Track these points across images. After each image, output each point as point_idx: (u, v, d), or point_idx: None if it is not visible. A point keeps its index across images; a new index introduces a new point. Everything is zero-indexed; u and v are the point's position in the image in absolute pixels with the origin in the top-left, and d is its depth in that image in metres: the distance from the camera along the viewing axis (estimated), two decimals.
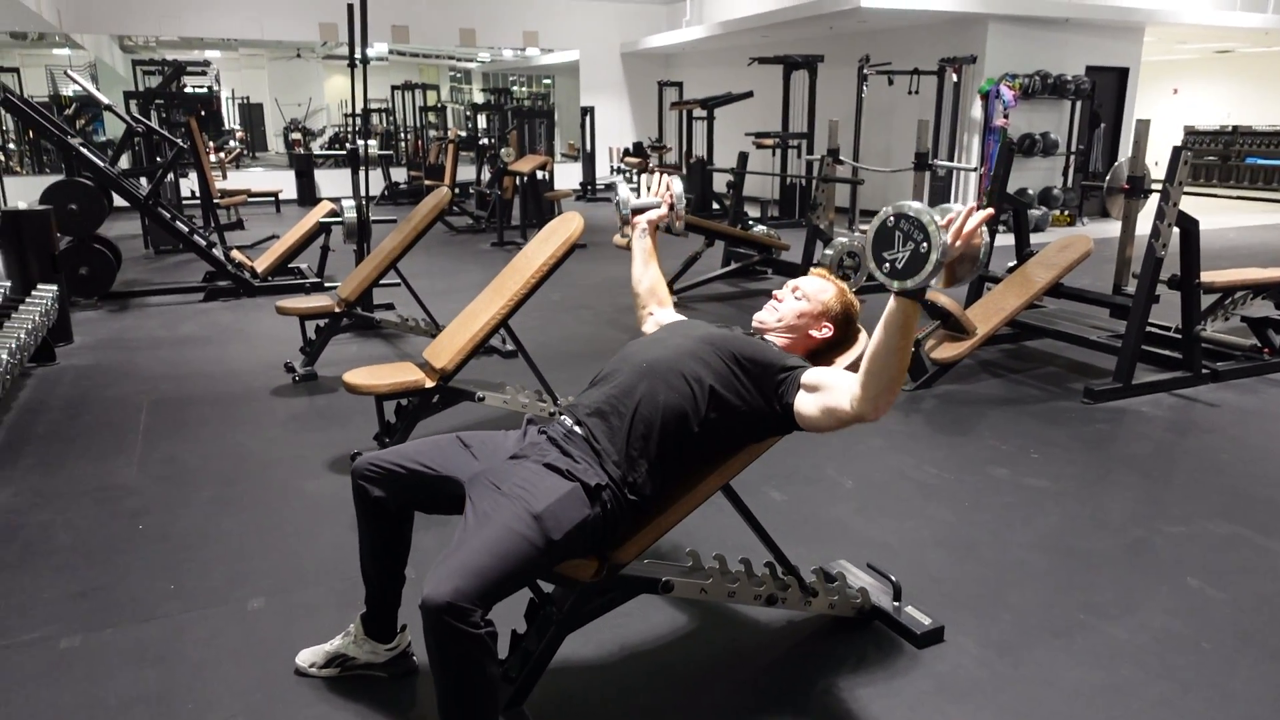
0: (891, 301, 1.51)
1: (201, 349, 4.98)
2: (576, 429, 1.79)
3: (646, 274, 2.28)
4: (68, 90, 12.91)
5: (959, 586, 2.46)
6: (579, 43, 14.51)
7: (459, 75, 19.77)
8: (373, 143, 5.45)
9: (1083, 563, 2.60)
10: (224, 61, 18.85)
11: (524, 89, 18.78)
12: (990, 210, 1.54)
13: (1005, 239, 5.58)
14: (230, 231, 8.82)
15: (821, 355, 2.03)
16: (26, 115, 5.63)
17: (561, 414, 1.86)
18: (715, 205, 10.92)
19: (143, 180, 6.78)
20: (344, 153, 5.71)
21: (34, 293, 4.31)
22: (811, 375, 1.77)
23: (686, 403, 1.76)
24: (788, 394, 1.78)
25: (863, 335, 2.02)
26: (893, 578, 2.31)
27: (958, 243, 1.43)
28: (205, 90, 12.37)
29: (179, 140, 6.56)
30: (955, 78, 9.71)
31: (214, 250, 6.36)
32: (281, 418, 3.82)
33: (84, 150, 5.77)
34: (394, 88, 14.02)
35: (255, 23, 12.38)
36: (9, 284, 4.37)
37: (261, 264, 6.41)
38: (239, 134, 18.03)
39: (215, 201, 8.65)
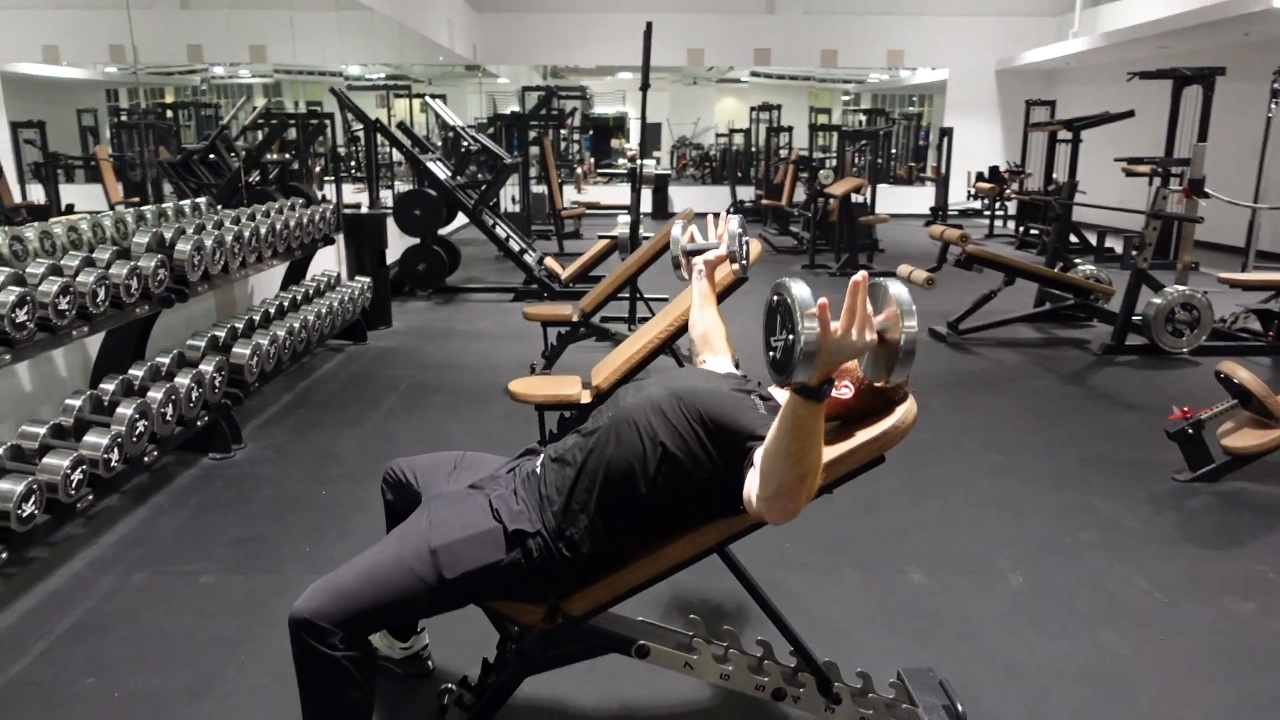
0: (788, 397, 1.26)
1: (480, 343, 5.55)
2: (538, 471, 1.70)
3: (702, 318, 2.10)
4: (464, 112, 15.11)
5: None
6: (948, 60, 13.73)
7: (850, 98, 19.85)
8: (649, 162, 5.65)
9: None
10: (631, 84, 20.90)
11: (895, 109, 18.30)
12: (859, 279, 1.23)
13: None
14: (568, 240, 9.72)
15: (843, 423, 1.72)
16: (391, 136, 6.70)
17: (540, 453, 1.78)
18: (1074, 239, 9.68)
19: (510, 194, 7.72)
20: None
21: (345, 284, 5.12)
22: (760, 452, 1.44)
23: (635, 460, 1.58)
24: (745, 471, 1.51)
25: (901, 410, 1.67)
26: (959, 706, 1.89)
27: (843, 335, 1.20)
28: (584, 113, 13.70)
29: (506, 157, 7.34)
30: None
31: (525, 256, 7.04)
32: (496, 414, 4.13)
33: (430, 165, 6.71)
34: (752, 109, 14.37)
35: (630, 50, 13.42)
36: (336, 272, 5.24)
37: (567, 271, 6.95)
38: (630, 151, 19.80)
39: (559, 212, 9.59)
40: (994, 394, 4.56)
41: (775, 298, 1.27)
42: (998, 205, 11.97)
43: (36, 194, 10.18)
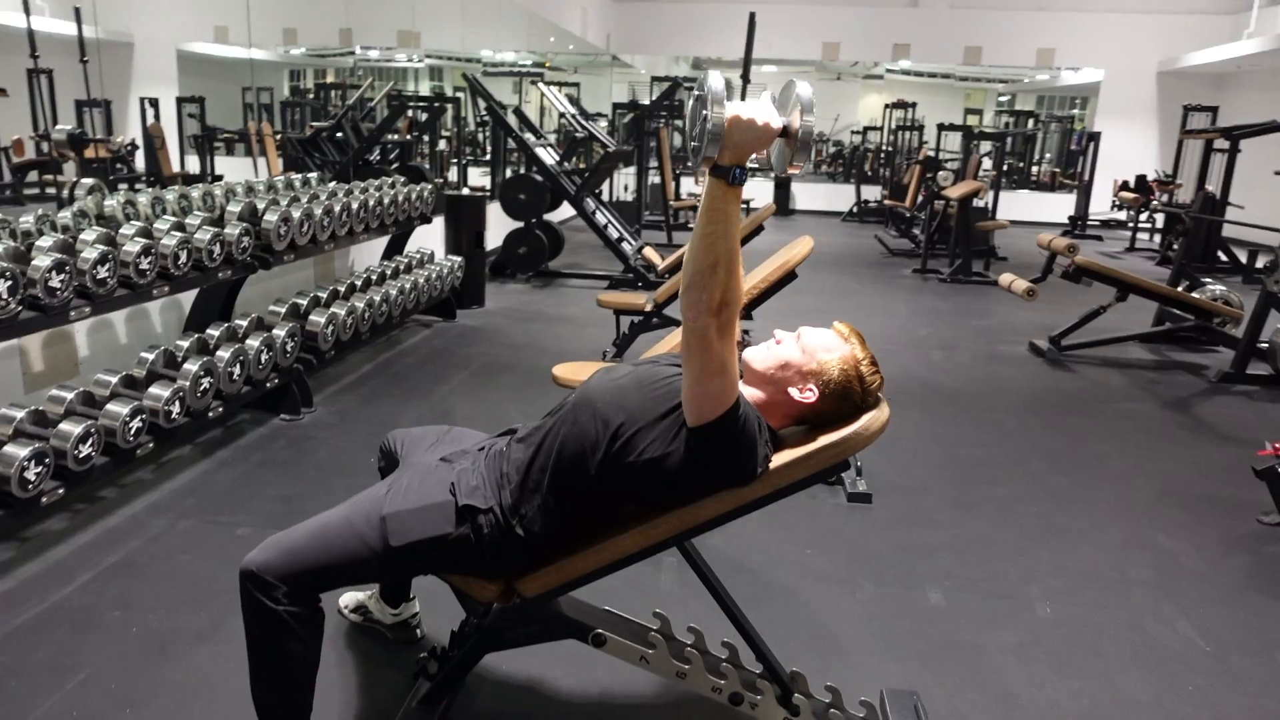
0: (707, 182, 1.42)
1: (563, 327, 5.65)
2: (504, 450, 1.73)
3: None
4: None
5: None
6: (1104, 61, 12.89)
7: (1008, 98, 19.01)
8: None
9: None
10: (774, 78, 20.78)
11: (1049, 110, 17.35)
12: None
13: None
14: (677, 231, 9.72)
15: (810, 428, 1.66)
16: (501, 121, 6.88)
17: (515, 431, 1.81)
18: (1223, 257, 8.92)
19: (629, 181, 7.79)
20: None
21: (436, 262, 5.30)
22: None
23: (586, 443, 1.58)
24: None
25: (866, 418, 1.60)
26: None
27: (749, 119, 1.36)
28: None
29: (611, 145, 7.40)
30: None
31: (623, 245, 7.10)
32: (556, 397, 4.17)
33: (538, 151, 6.86)
34: (886, 106, 13.93)
35: (764, 42, 13.21)
36: (430, 250, 5.44)
37: (664, 262, 6.96)
38: None
39: (670, 203, 9.61)
40: (1081, 415, 4.28)
41: (695, 94, 1.42)
42: (1144, 217, 11.17)
43: (194, 165, 10.95)
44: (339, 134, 7.26)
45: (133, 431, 2.72)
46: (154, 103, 9.25)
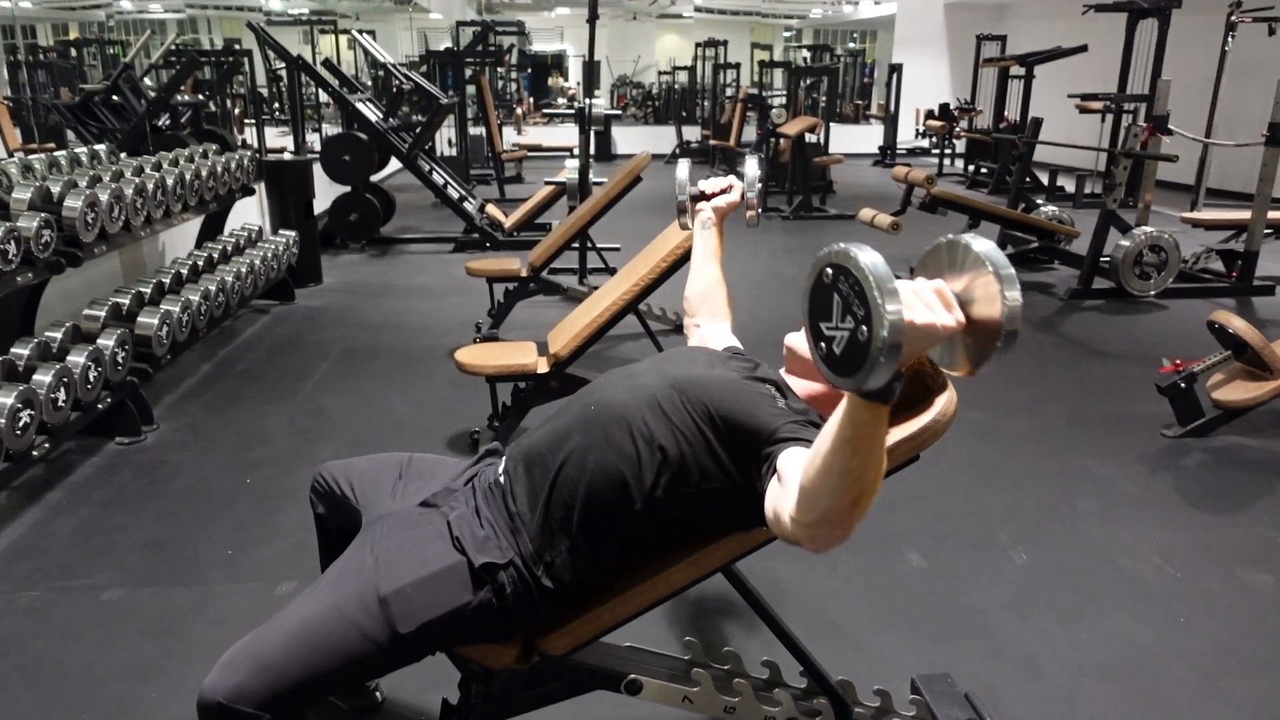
0: (844, 399, 0.94)
1: (419, 300, 5.16)
2: (501, 480, 1.39)
3: (703, 275, 1.75)
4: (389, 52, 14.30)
5: None
6: None
7: (792, 34, 19.49)
8: (599, 102, 5.25)
9: None
10: (569, 19, 20.14)
11: (837, 45, 17.99)
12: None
13: None
14: (509, 184, 9.24)
15: None
16: (315, 75, 6.15)
17: (503, 454, 1.47)
18: (1026, 179, 9.54)
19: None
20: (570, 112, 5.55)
21: (268, 238, 4.67)
22: (787, 457, 1.18)
23: (628, 469, 1.28)
24: (765, 479, 1.22)
25: (941, 402, 1.40)
26: None
27: (927, 319, 0.91)
28: (517, 50, 13.00)
29: (442, 97, 6.85)
30: None
31: (465, 204, 6.60)
32: (442, 381, 3.77)
33: (359, 106, 6.20)
34: (697, 45, 13.85)
35: None
36: (259, 226, 4.77)
37: (510, 219, 6.54)
38: (570, 91, 19.12)
39: (500, 156, 9.10)
40: None
41: (830, 269, 0.90)
42: (946, 144, 11.79)
43: None
44: (115, 97, 6.27)
45: None
46: None
